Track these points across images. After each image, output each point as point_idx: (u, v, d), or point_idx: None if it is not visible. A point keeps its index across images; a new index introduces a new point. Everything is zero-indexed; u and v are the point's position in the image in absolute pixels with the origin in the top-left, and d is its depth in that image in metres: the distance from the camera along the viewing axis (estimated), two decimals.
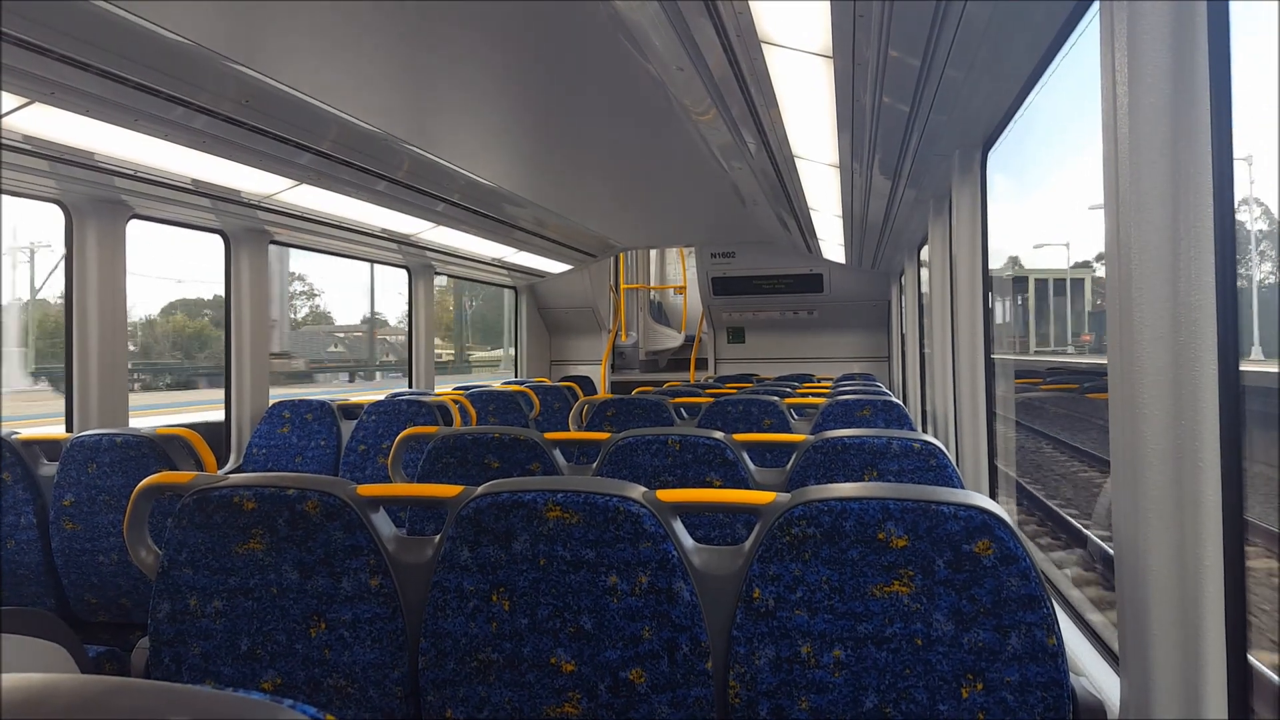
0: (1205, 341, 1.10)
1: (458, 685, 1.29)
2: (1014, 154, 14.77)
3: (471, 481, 2.19)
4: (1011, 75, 2.17)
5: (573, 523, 1.26)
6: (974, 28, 1.89)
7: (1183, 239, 1.11)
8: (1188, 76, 1.11)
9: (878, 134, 2.86)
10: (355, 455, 3.61)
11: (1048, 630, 1.12)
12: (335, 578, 1.35)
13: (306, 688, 1.36)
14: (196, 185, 3.30)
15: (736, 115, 2.97)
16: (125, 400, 3.41)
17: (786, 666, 1.19)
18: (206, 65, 2.37)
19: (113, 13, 1.99)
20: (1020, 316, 15.82)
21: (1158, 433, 1.14)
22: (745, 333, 8.65)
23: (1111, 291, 1.24)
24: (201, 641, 1.38)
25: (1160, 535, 1.14)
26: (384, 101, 2.94)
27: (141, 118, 2.57)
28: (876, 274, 7.51)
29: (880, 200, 4.08)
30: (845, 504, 1.18)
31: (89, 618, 2.49)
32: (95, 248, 3.27)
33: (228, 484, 1.39)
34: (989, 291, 2.96)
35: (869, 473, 1.97)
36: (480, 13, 2.20)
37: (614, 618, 1.24)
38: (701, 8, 2.01)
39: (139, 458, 2.39)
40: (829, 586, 1.18)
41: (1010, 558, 1.13)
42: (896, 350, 7.24)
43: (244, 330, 4.08)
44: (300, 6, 2.11)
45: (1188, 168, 1.11)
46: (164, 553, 1.40)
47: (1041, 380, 13.40)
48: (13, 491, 2.45)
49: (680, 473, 2.06)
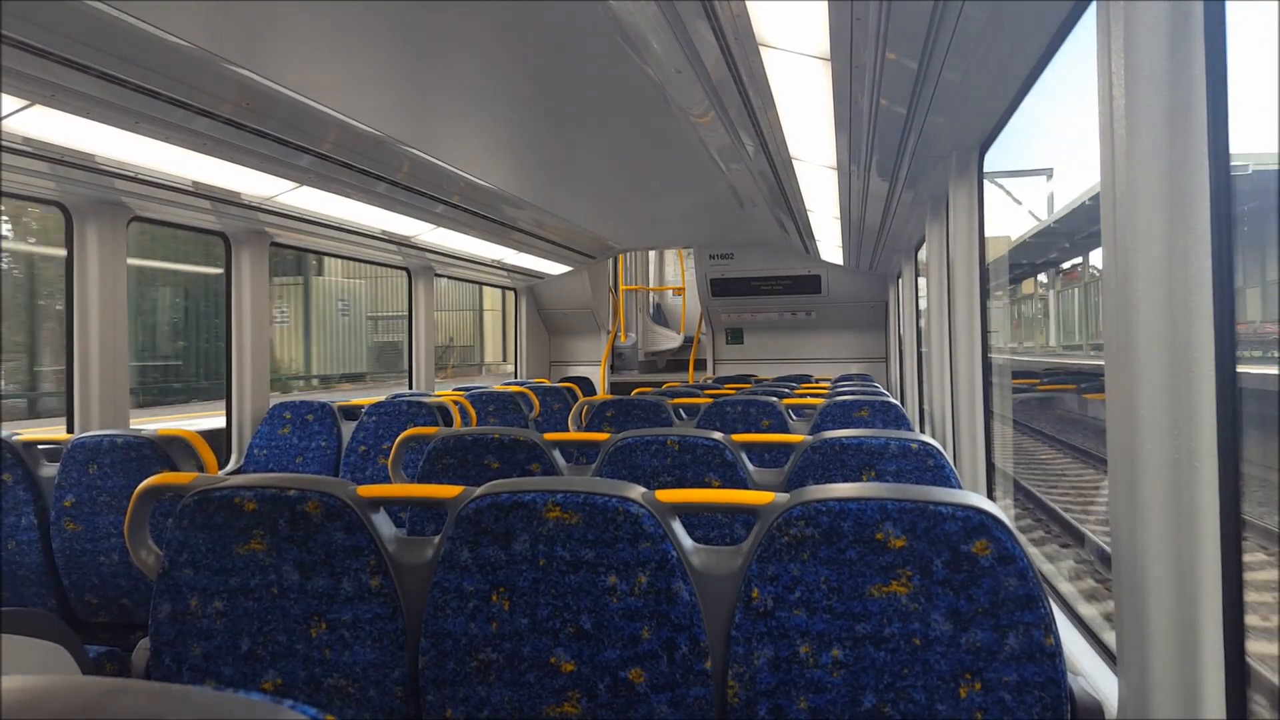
0: (1202, 342, 1.10)
1: (458, 685, 1.29)
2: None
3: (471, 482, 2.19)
4: (1009, 76, 2.18)
5: (572, 523, 1.27)
6: (971, 29, 1.90)
7: (1179, 240, 1.12)
8: (1184, 77, 1.11)
9: (875, 136, 2.87)
10: (355, 456, 3.62)
11: (1045, 630, 1.12)
12: (336, 578, 1.35)
13: (307, 688, 1.36)
14: (197, 187, 3.31)
15: (734, 117, 2.97)
16: (126, 401, 3.42)
17: (785, 666, 1.19)
18: (207, 67, 2.37)
19: (113, 15, 1.99)
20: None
21: (1155, 433, 1.14)
22: (744, 334, 8.65)
23: (1108, 292, 1.25)
24: (202, 642, 1.38)
25: (1158, 535, 1.14)
26: (384, 104, 2.94)
27: (142, 120, 2.58)
28: (874, 275, 7.52)
29: (878, 201, 4.08)
30: (843, 504, 1.19)
31: (90, 618, 2.49)
32: (96, 249, 3.28)
33: (228, 485, 1.39)
34: (986, 292, 2.97)
35: (867, 473, 1.98)
36: (479, 15, 2.21)
37: (613, 618, 1.25)
38: (699, 10, 2.01)
39: (140, 459, 2.40)
40: (827, 586, 1.18)
41: (1008, 558, 1.14)
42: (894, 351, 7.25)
43: (244, 331, 4.08)
44: (300, 9, 2.12)
45: (1184, 168, 1.11)
46: (165, 553, 1.40)
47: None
48: (13, 492, 2.45)
49: (679, 473, 2.07)
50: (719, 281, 7.98)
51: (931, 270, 3.76)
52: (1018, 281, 14.37)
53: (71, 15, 1.98)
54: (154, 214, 3.55)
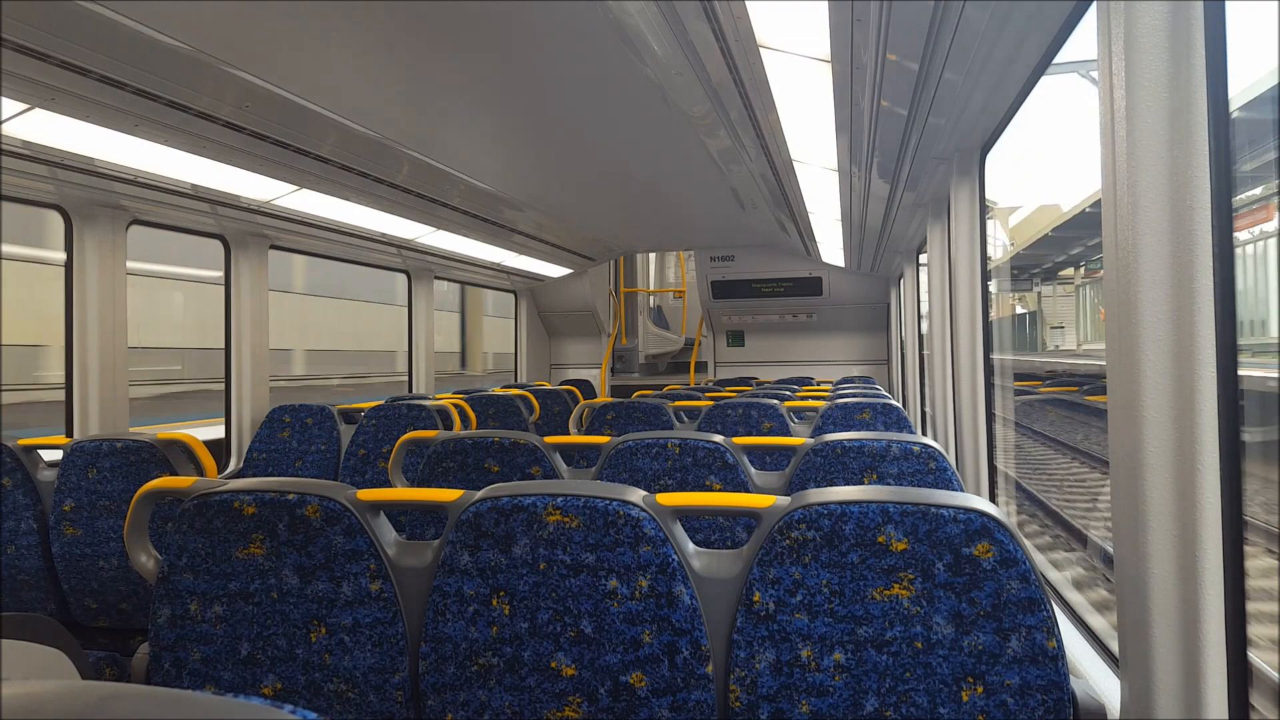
0: (1204, 343, 1.10)
1: (458, 689, 1.29)
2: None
3: (471, 486, 2.19)
4: (1010, 78, 2.18)
5: (573, 526, 1.26)
6: (972, 30, 1.90)
7: (1181, 241, 1.11)
8: (1184, 77, 1.11)
9: (876, 138, 2.87)
10: (355, 460, 3.61)
11: (1048, 633, 1.12)
12: (335, 582, 1.35)
13: (307, 692, 1.35)
14: (196, 190, 3.31)
15: (735, 119, 2.98)
16: (125, 405, 3.41)
17: (787, 670, 1.19)
18: (206, 70, 2.37)
19: (113, 18, 1.99)
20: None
21: (1157, 435, 1.14)
22: (745, 336, 8.65)
23: (1110, 294, 1.25)
24: (202, 646, 1.38)
25: (1160, 537, 1.14)
26: (383, 106, 2.94)
27: (141, 123, 2.58)
28: (875, 277, 7.52)
29: (879, 203, 4.08)
30: (845, 507, 1.18)
31: (89, 623, 2.49)
32: (95, 253, 3.28)
33: (228, 489, 1.39)
34: (988, 294, 2.97)
35: (869, 476, 1.97)
36: (479, 17, 2.21)
37: (614, 622, 1.24)
38: (700, 12, 2.01)
39: (139, 463, 2.40)
40: (829, 590, 1.18)
41: (1010, 560, 1.13)
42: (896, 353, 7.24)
43: (244, 335, 4.08)
44: (299, 10, 2.12)
45: (1185, 169, 1.11)
46: (164, 557, 1.40)
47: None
48: (13, 496, 2.45)
49: (680, 476, 2.06)
50: (720, 284, 7.98)
51: (933, 272, 3.76)
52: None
53: (71, 18, 1.98)
54: (153, 217, 3.55)
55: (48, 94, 2.28)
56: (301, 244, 4.57)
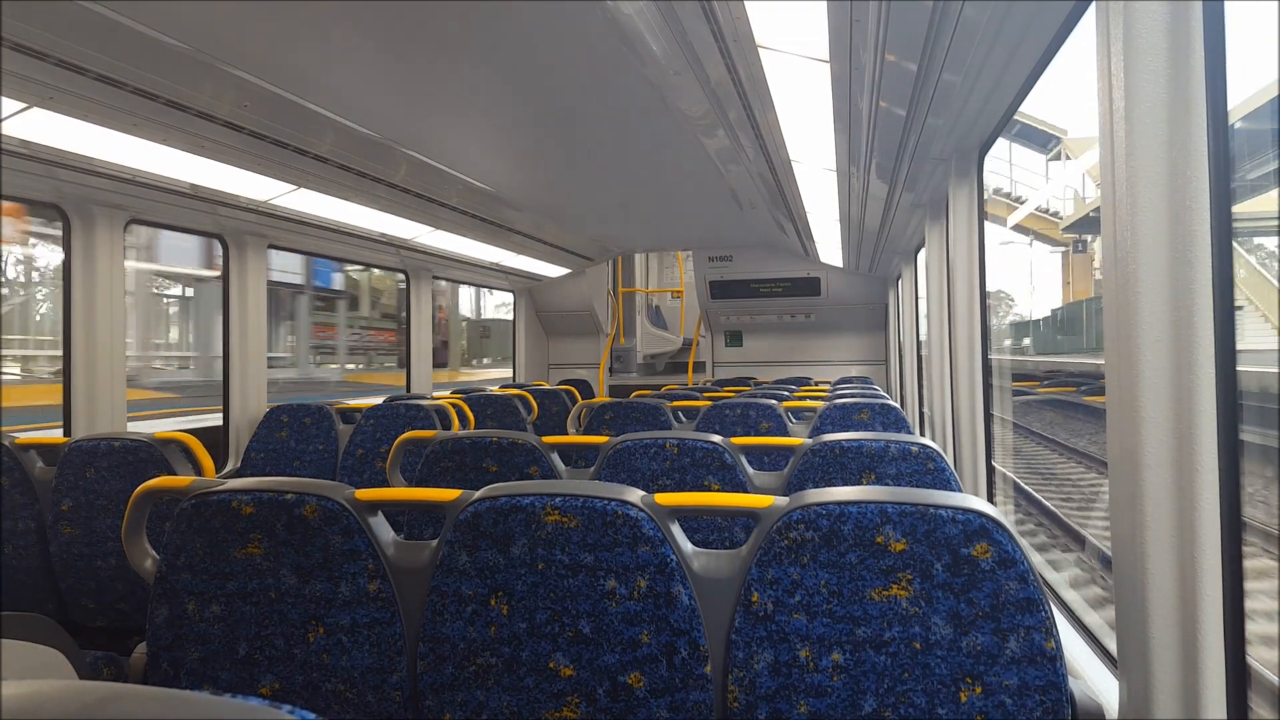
0: (1202, 344, 1.10)
1: (456, 690, 1.29)
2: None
3: (469, 485, 2.18)
4: (1008, 78, 2.18)
5: (571, 527, 1.26)
6: (971, 31, 1.90)
7: (1179, 241, 1.12)
8: (1184, 77, 1.11)
9: (874, 138, 2.87)
10: (353, 459, 3.61)
11: (1046, 633, 1.12)
12: (333, 582, 1.34)
13: (305, 692, 1.35)
14: (195, 189, 3.30)
15: (734, 119, 2.98)
16: (123, 404, 3.41)
17: (785, 670, 1.19)
18: (205, 70, 2.37)
19: (112, 18, 1.99)
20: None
21: (1156, 435, 1.14)
22: (743, 336, 8.65)
23: (1108, 294, 1.25)
24: (199, 646, 1.38)
25: (1158, 537, 1.14)
26: (382, 106, 2.94)
27: (140, 122, 2.58)
28: (874, 277, 7.52)
29: (877, 204, 4.09)
30: (843, 508, 1.18)
31: (87, 622, 2.48)
32: (94, 251, 3.27)
33: (226, 488, 1.39)
34: (986, 294, 2.97)
35: (867, 476, 1.97)
36: (478, 17, 2.21)
37: (612, 622, 1.24)
38: (698, 12, 2.01)
39: (137, 462, 2.39)
40: (827, 590, 1.18)
41: (1008, 561, 1.13)
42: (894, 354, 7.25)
43: (242, 334, 4.07)
44: (298, 10, 2.12)
45: (1184, 169, 1.11)
46: (162, 557, 1.40)
47: None
48: (10, 496, 2.44)
49: (678, 476, 2.06)
50: (718, 284, 7.98)
51: (932, 273, 3.76)
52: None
53: (70, 18, 1.98)
54: (152, 216, 3.54)
55: (46, 93, 2.28)
56: (300, 243, 4.57)
